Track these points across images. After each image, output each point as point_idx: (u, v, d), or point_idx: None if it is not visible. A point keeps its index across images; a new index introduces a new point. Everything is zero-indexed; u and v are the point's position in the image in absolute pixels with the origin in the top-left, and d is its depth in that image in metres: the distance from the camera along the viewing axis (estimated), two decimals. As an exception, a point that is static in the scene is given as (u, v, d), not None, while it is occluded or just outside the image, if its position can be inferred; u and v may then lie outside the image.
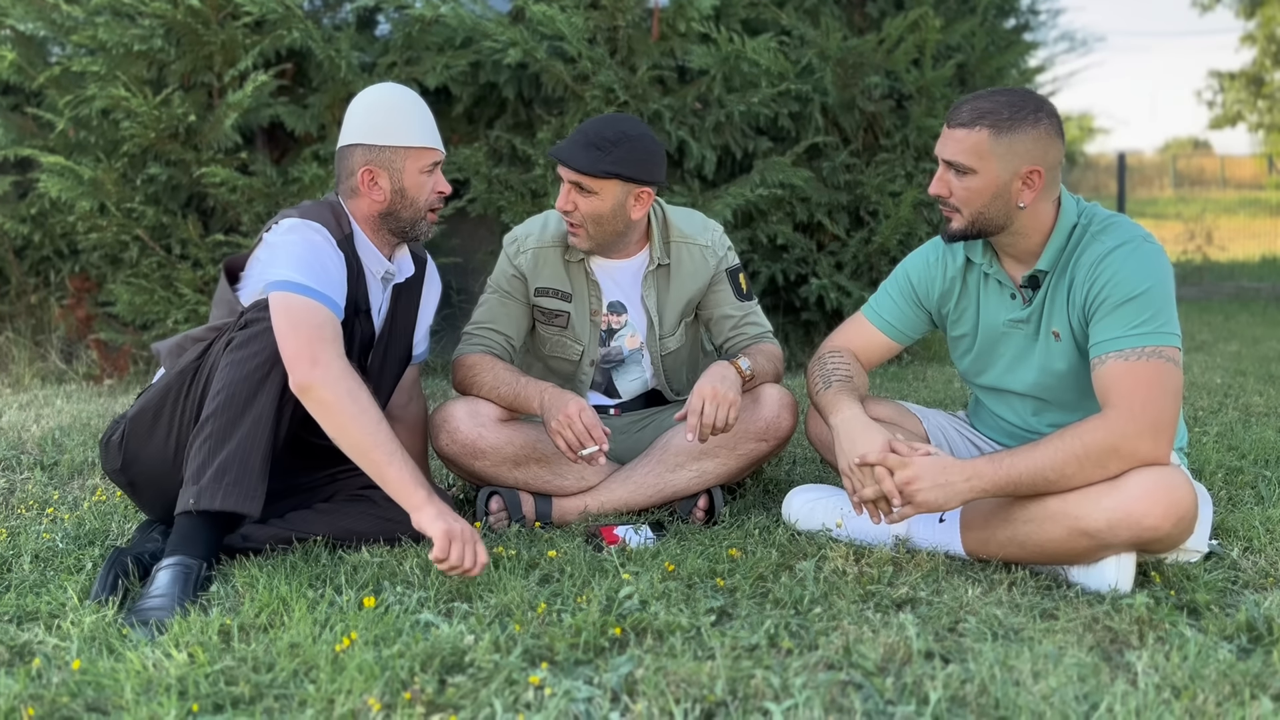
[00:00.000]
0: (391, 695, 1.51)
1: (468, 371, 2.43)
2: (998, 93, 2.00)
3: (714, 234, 2.54)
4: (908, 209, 4.54)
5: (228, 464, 1.95)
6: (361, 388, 1.99)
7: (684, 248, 2.49)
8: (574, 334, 2.51)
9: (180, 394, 2.09)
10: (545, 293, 2.49)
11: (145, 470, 2.15)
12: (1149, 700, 1.48)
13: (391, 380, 2.38)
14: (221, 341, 2.07)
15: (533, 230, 2.51)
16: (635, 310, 2.52)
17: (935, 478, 1.90)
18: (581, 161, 2.29)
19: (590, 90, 4.21)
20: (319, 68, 4.26)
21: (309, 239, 2.10)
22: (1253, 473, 2.73)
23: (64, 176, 4.07)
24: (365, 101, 2.21)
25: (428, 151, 2.19)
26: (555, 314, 2.50)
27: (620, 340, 2.54)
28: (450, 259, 4.54)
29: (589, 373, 2.54)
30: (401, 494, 1.95)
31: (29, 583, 2.01)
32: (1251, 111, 25.87)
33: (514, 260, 2.50)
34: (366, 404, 1.97)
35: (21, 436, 3.31)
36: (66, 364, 4.57)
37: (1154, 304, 1.92)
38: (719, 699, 1.50)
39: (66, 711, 1.50)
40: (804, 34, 4.54)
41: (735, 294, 2.53)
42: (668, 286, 2.50)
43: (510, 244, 2.52)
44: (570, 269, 2.49)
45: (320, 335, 1.99)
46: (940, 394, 3.98)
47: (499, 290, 2.52)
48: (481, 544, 1.94)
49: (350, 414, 1.95)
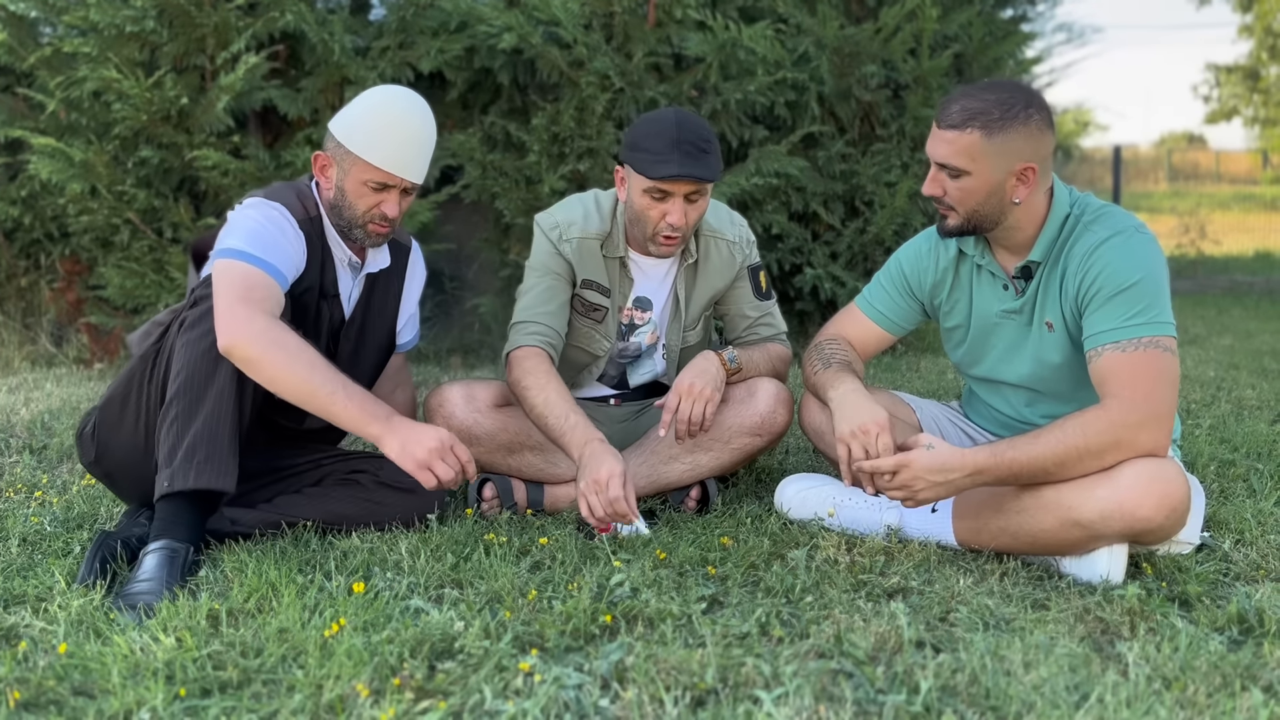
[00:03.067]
0: (380, 681, 1.51)
1: (524, 375, 2.25)
2: (986, 89, 1.97)
3: (741, 229, 2.49)
4: (903, 199, 4.53)
5: (196, 443, 1.95)
6: (288, 334, 1.96)
7: (713, 242, 2.45)
8: (605, 330, 2.46)
9: (144, 379, 2.09)
10: (590, 285, 2.42)
11: (119, 459, 2.14)
12: (1140, 691, 1.48)
13: (370, 367, 2.36)
14: (176, 323, 2.06)
15: (574, 219, 2.40)
16: (659, 306, 2.49)
17: (933, 475, 1.90)
18: (710, 170, 2.23)
19: (586, 76, 4.19)
20: (312, 51, 4.23)
21: (265, 213, 2.11)
22: (1245, 465, 2.74)
23: (55, 159, 4.04)
24: (368, 101, 2.17)
25: (379, 170, 2.12)
26: (595, 307, 2.43)
27: (640, 336, 2.50)
28: (444, 245, 4.52)
29: (601, 368, 2.52)
30: (358, 429, 1.96)
31: (16, 566, 2.00)
32: (1247, 105, 25.90)
33: (558, 245, 2.39)
34: (296, 350, 1.94)
35: (10, 420, 3.30)
36: (57, 347, 4.55)
37: (1148, 294, 1.91)
38: (709, 687, 1.50)
39: (53, 695, 1.49)
40: (801, 22, 4.52)
41: (755, 293, 2.49)
42: (695, 281, 2.46)
43: (551, 229, 2.39)
44: (608, 264, 2.42)
45: (246, 296, 1.97)
46: (934, 385, 3.98)
47: (548, 272, 2.38)
48: (459, 444, 1.99)
49: (279, 364, 1.93)
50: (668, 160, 2.19)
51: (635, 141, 2.26)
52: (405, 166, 2.15)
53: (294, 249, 2.12)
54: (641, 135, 2.25)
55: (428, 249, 4.06)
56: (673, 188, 2.23)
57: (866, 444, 1.97)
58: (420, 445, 1.94)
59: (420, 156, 2.18)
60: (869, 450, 1.97)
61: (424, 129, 2.18)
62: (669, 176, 2.19)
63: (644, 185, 2.25)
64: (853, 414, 2.01)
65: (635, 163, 2.24)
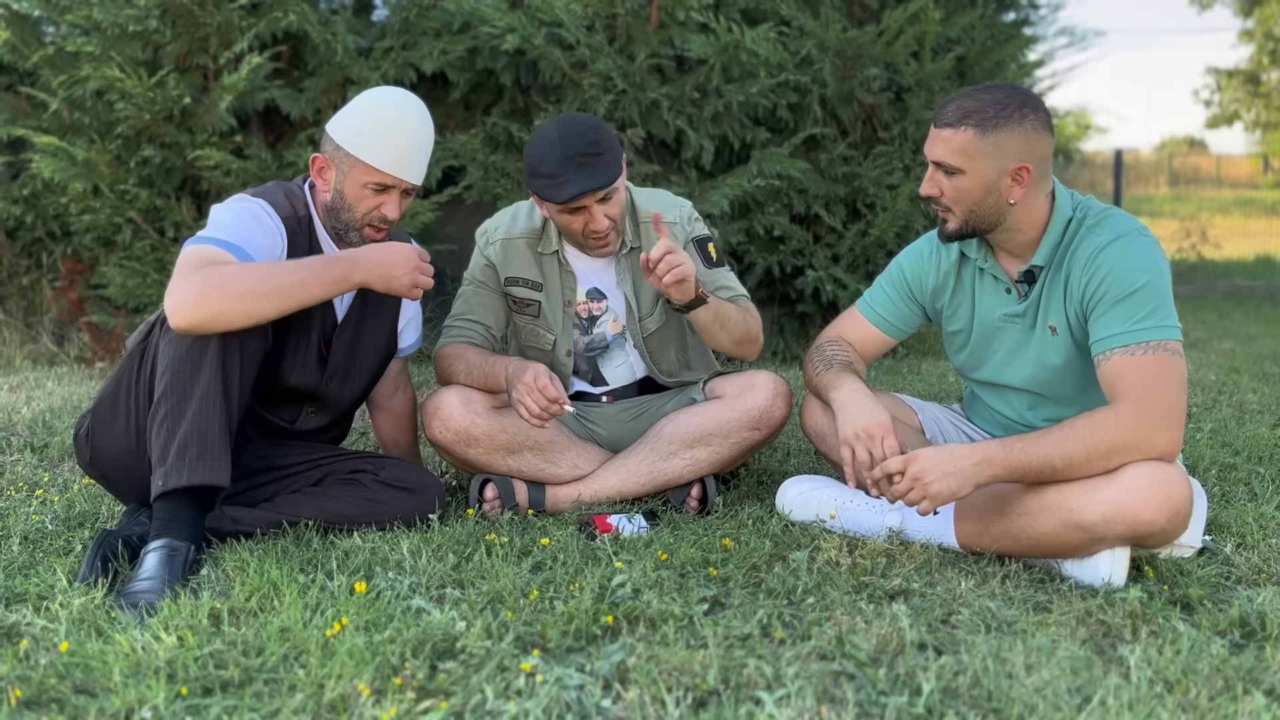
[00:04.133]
0: (382, 681, 1.51)
1: (444, 363, 2.45)
2: (983, 90, 1.98)
3: (681, 208, 2.51)
4: (905, 202, 4.53)
5: (187, 440, 1.94)
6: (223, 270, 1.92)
7: (651, 227, 2.47)
8: (545, 323, 2.50)
9: (132, 380, 2.09)
10: (515, 282, 2.49)
11: (113, 460, 2.15)
12: (1141, 694, 1.48)
13: (367, 371, 2.36)
14: (160, 322, 2.06)
15: (501, 223, 2.52)
16: (614, 296, 2.51)
17: (943, 466, 1.89)
18: (609, 174, 2.25)
19: (588, 78, 4.20)
20: (315, 51, 4.23)
21: (241, 206, 2.12)
22: (1246, 469, 2.74)
23: (57, 157, 4.05)
24: (367, 104, 2.16)
25: (380, 173, 2.13)
26: (527, 303, 2.50)
27: (603, 327, 2.53)
28: (445, 246, 4.52)
29: (567, 362, 2.53)
30: (340, 292, 2.03)
31: (18, 564, 2.00)
32: (1248, 110, 25.91)
33: (484, 251, 2.51)
34: (237, 277, 1.92)
35: (12, 418, 3.30)
36: (58, 346, 4.55)
37: (1154, 297, 1.91)
38: (711, 688, 1.50)
39: (54, 693, 1.49)
40: (803, 24, 4.53)
41: (704, 262, 2.48)
42: (639, 268, 2.48)
43: (480, 236, 2.55)
44: (542, 260, 2.48)
45: (196, 268, 1.95)
46: (935, 388, 3.98)
47: (473, 281, 2.53)
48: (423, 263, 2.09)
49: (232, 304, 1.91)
50: (564, 181, 2.24)
51: (531, 168, 2.29)
52: (406, 168, 2.15)
53: (268, 238, 2.10)
54: (535, 160, 2.28)
55: (429, 250, 4.07)
56: (581, 202, 2.26)
57: (871, 447, 1.98)
58: (400, 270, 2.06)
59: (420, 158, 2.18)
60: (873, 453, 1.97)
61: (423, 130, 2.18)
62: (570, 198, 2.24)
63: (555, 208, 2.31)
64: (856, 416, 2.01)
65: (538, 190, 2.30)
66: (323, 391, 2.28)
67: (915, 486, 1.90)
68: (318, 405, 2.31)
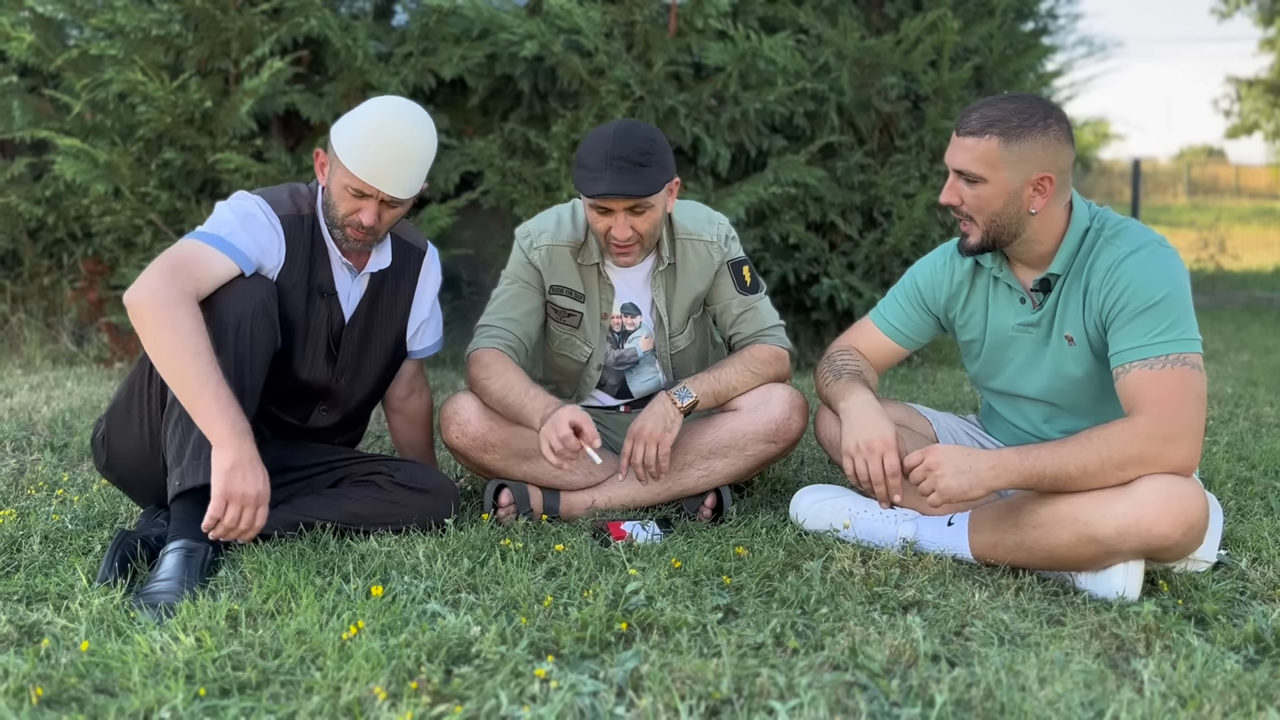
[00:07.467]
0: (398, 684, 1.52)
1: (481, 370, 2.36)
2: (1006, 100, 1.98)
3: (719, 227, 2.48)
4: (921, 210, 4.53)
5: (202, 439, 1.96)
6: (191, 319, 1.95)
7: (689, 245, 2.46)
8: (584, 335, 2.49)
9: (144, 383, 2.11)
10: (559, 291, 2.47)
11: (129, 463, 2.17)
12: (1155, 709, 1.48)
13: (376, 369, 2.38)
14: None
15: (546, 227, 2.46)
16: (648, 312, 2.51)
17: (958, 463, 1.90)
18: (643, 186, 2.23)
19: (606, 85, 4.21)
20: (335, 56, 4.27)
21: (238, 204, 2.15)
22: (1262, 483, 2.72)
23: (79, 159, 4.09)
24: (364, 108, 2.17)
25: (355, 178, 2.12)
26: (569, 313, 2.47)
27: (635, 342, 2.52)
28: (462, 250, 4.54)
29: (595, 375, 2.53)
30: (208, 427, 1.93)
31: (38, 563, 2.02)
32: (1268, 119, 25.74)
33: (528, 254, 2.46)
34: (188, 334, 1.93)
35: (32, 418, 3.33)
36: (77, 346, 4.59)
37: (1174, 310, 1.91)
38: (724, 696, 1.50)
39: (74, 692, 1.51)
40: (821, 33, 4.53)
41: (737, 287, 2.48)
42: (675, 285, 2.48)
43: (524, 237, 2.48)
44: (583, 271, 2.46)
45: (175, 267, 1.99)
46: (950, 397, 3.97)
47: (517, 280, 2.46)
48: (263, 509, 1.96)
49: (164, 337, 1.93)
50: (599, 177, 2.23)
51: (578, 157, 2.30)
52: (380, 178, 2.11)
53: (262, 235, 2.13)
54: (583, 150, 2.28)
55: (446, 254, 4.10)
56: (609, 204, 2.26)
57: (870, 460, 1.98)
58: (243, 483, 1.93)
59: (400, 171, 2.13)
60: (871, 466, 1.98)
61: (409, 143, 2.13)
62: (598, 194, 2.23)
63: (587, 201, 2.30)
64: (860, 429, 2.02)
65: (575, 178, 2.30)
66: (334, 388, 2.31)
67: (928, 477, 1.91)
68: (329, 403, 2.34)
